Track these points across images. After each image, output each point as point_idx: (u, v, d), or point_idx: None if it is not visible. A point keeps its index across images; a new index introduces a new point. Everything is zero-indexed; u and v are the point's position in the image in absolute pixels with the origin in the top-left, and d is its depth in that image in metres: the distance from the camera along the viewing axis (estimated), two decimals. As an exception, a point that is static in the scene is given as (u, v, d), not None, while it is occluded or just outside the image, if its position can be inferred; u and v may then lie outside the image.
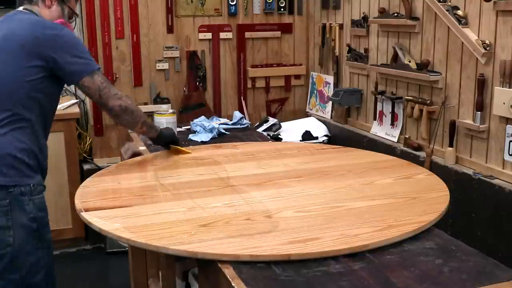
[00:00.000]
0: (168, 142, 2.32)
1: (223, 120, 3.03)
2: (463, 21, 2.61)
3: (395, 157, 2.37)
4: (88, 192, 1.84)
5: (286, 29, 4.14)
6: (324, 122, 3.90)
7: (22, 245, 1.80)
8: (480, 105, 2.54)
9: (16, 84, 1.82)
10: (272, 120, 3.78)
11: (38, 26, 1.88)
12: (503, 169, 2.48)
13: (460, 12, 2.63)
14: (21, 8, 2.01)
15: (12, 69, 1.82)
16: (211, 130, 2.75)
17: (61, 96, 2.09)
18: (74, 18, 2.14)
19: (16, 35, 1.85)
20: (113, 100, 1.95)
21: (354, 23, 3.55)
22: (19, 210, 1.80)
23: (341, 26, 3.73)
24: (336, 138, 3.72)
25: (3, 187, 1.78)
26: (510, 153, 2.42)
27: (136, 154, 2.47)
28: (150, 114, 2.92)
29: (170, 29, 3.86)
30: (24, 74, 1.83)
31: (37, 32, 1.85)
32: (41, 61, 1.84)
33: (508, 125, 2.43)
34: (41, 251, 1.86)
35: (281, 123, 3.78)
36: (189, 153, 2.33)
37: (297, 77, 4.21)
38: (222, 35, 3.98)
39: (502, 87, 2.42)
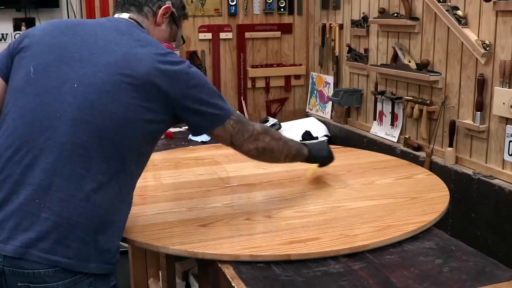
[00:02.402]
0: (322, 163, 1.94)
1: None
2: (463, 21, 2.61)
3: (395, 157, 2.38)
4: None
5: (286, 29, 4.14)
6: (324, 122, 3.90)
7: None
8: (480, 105, 2.54)
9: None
10: (272, 120, 3.78)
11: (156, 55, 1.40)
12: (503, 169, 2.48)
13: (460, 12, 2.63)
14: (124, 16, 1.54)
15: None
16: (211, 130, 2.74)
17: None
18: (182, 43, 1.81)
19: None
20: (248, 144, 1.55)
21: (354, 23, 3.55)
22: (103, 285, 1.36)
23: (341, 26, 3.73)
24: (336, 138, 3.72)
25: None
26: (510, 153, 2.42)
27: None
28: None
29: (170, 29, 3.85)
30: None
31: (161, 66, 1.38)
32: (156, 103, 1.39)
33: (508, 125, 2.43)
34: None
35: (281, 123, 3.78)
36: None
37: (297, 77, 4.21)
38: (222, 35, 3.98)
39: (502, 87, 2.42)
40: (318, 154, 1.85)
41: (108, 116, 1.32)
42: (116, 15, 1.55)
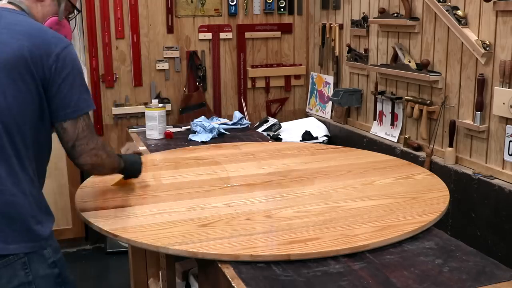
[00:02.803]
0: (131, 176, 1.88)
1: (223, 120, 3.03)
2: (463, 21, 2.61)
3: (395, 157, 2.38)
4: (88, 192, 1.84)
5: (286, 29, 4.14)
6: (324, 122, 3.90)
7: None
8: (480, 105, 2.54)
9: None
10: (272, 120, 3.78)
11: (38, 48, 1.43)
12: (503, 169, 2.48)
13: (460, 12, 2.63)
14: (4, 2, 1.55)
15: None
16: (211, 130, 2.75)
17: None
18: (74, 14, 1.71)
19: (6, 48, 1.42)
20: (87, 157, 1.52)
21: (354, 23, 3.55)
22: (38, 259, 1.47)
23: (341, 26, 3.73)
24: (336, 138, 3.72)
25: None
26: (510, 153, 2.42)
27: (137, 154, 2.47)
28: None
29: (170, 29, 3.86)
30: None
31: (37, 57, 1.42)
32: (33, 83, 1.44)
33: (508, 125, 2.43)
34: None
35: (281, 123, 3.78)
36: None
37: (297, 77, 4.21)
38: (222, 35, 3.98)
39: (502, 87, 2.42)
40: (131, 167, 1.82)
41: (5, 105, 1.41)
42: (2, 2, 1.56)
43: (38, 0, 1.57)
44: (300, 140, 3.62)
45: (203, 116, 2.96)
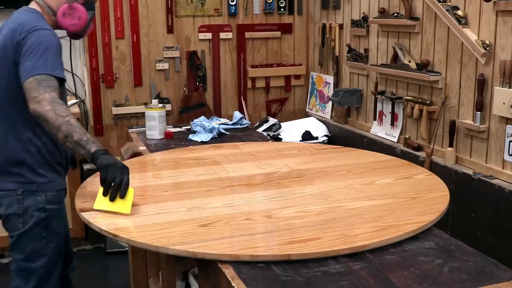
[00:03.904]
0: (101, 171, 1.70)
1: (223, 120, 3.03)
2: (463, 21, 2.61)
3: (395, 157, 2.37)
4: (88, 192, 1.84)
5: (286, 29, 4.15)
6: (324, 122, 3.90)
7: (27, 232, 1.92)
8: (480, 105, 2.54)
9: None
10: (272, 120, 3.78)
11: (15, 31, 1.85)
12: (503, 169, 2.48)
13: (460, 12, 2.63)
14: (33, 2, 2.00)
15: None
16: (211, 130, 2.75)
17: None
18: (93, 1, 2.04)
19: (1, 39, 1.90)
20: (30, 103, 1.74)
21: (354, 23, 3.55)
22: (31, 200, 1.91)
23: (341, 26, 3.73)
24: (336, 138, 3.72)
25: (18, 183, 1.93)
26: (510, 153, 2.42)
27: (136, 154, 2.47)
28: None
29: (170, 29, 3.86)
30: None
31: (13, 38, 1.84)
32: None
33: (508, 125, 2.43)
34: (45, 240, 1.94)
35: (281, 123, 3.78)
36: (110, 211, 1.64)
37: (297, 77, 4.22)
38: (222, 35, 3.98)
39: (502, 87, 2.42)
40: (100, 158, 1.68)
41: None
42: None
43: None
44: (300, 140, 3.62)
45: (203, 116, 2.96)
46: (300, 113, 4.25)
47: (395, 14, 3.11)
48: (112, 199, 1.62)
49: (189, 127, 2.93)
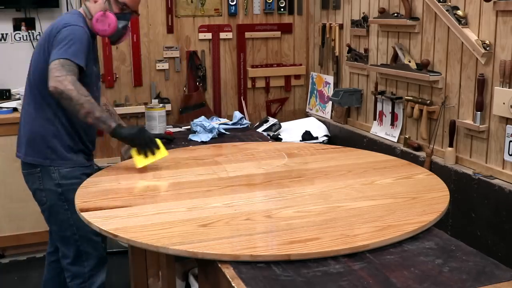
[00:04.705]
0: (129, 143, 2.14)
1: (223, 120, 3.03)
2: (463, 21, 2.61)
3: (395, 157, 2.37)
4: (88, 192, 1.84)
5: (286, 29, 4.15)
6: (324, 122, 3.90)
7: (52, 205, 2.20)
8: (480, 105, 2.54)
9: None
10: (272, 120, 3.78)
11: (54, 26, 2.15)
12: (503, 169, 2.48)
13: (460, 12, 2.63)
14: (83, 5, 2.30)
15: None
16: (211, 130, 2.75)
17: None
18: (128, 12, 2.26)
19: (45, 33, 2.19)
20: (52, 81, 1.98)
21: (354, 23, 3.55)
22: (48, 177, 2.17)
23: (341, 26, 3.73)
24: (336, 138, 3.72)
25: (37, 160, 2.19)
26: (510, 153, 2.42)
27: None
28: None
29: (170, 29, 3.86)
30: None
31: (51, 32, 2.13)
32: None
33: (508, 125, 2.43)
34: (69, 212, 2.16)
35: (281, 123, 3.78)
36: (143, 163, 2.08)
37: (297, 77, 4.21)
38: (222, 35, 3.98)
39: (502, 87, 2.42)
40: (123, 131, 2.07)
41: (33, 67, 2.19)
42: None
43: (95, 1, 2.22)
44: (300, 140, 3.62)
45: (203, 116, 2.96)
46: (300, 113, 4.25)
47: (395, 14, 3.11)
48: (152, 154, 2.09)
49: (189, 127, 2.93)
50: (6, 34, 3.62)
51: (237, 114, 2.99)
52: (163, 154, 2.12)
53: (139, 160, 2.08)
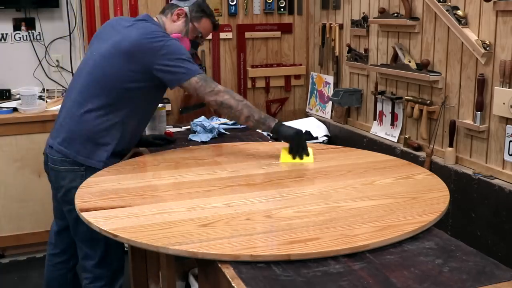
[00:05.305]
0: (285, 141, 2.24)
1: (223, 120, 3.03)
2: (463, 21, 2.61)
3: (395, 157, 2.38)
4: (88, 192, 1.84)
5: (286, 29, 4.14)
6: (324, 122, 3.90)
7: None
8: (480, 105, 2.54)
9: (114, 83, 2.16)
10: (272, 120, 3.77)
11: (144, 35, 2.15)
12: (503, 169, 2.48)
13: (460, 12, 2.63)
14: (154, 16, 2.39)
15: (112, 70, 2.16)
16: (211, 130, 2.75)
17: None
18: (198, 38, 2.38)
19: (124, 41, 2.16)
20: (208, 97, 2.13)
21: (354, 23, 3.55)
22: (89, 177, 2.08)
23: (341, 26, 3.73)
24: (336, 138, 3.72)
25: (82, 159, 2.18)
26: (510, 153, 2.42)
27: (136, 154, 2.47)
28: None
29: (170, 29, 3.85)
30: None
31: (143, 41, 2.13)
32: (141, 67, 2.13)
33: (508, 125, 2.43)
34: None
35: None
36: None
37: (297, 77, 4.21)
38: (222, 35, 3.98)
39: (502, 87, 2.42)
40: (283, 130, 2.19)
41: (102, 70, 2.16)
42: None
43: (173, 20, 2.35)
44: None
45: (203, 116, 2.96)
46: (300, 113, 4.25)
47: (395, 14, 3.11)
48: (300, 159, 2.18)
49: (189, 127, 2.93)
50: (6, 34, 3.62)
51: (237, 114, 2.99)
52: (309, 161, 2.18)
53: (285, 157, 2.20)
